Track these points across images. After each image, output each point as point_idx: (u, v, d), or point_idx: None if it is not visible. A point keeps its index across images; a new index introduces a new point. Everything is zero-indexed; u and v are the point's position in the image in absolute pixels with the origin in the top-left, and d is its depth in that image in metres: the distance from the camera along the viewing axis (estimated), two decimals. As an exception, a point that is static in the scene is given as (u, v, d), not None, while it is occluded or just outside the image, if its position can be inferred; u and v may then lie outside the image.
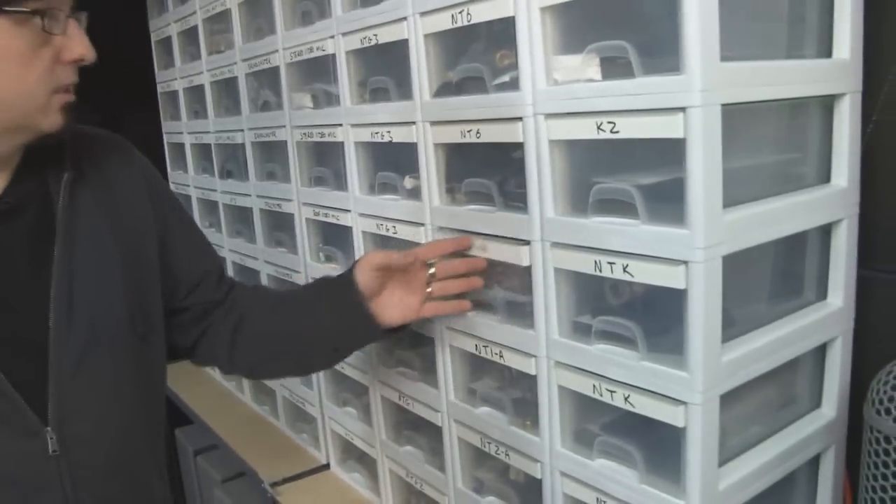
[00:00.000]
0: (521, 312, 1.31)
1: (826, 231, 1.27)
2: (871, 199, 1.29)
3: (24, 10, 0.96)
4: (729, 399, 1.08)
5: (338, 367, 1.89)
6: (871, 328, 1.32)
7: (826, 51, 1.22)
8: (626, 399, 1.12)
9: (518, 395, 1.38)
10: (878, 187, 1.30)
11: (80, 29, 1.04)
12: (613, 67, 1.08)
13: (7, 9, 0.95)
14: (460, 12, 1.28)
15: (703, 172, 0.99)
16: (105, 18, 1.11)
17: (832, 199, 1.24)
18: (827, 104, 1.24)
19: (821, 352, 1.30)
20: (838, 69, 1.21)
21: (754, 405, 1.21)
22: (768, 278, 1.24)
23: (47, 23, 0.99)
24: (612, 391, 1.13)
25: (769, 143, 1.22)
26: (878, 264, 1.32)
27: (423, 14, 1.36)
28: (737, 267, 1.08)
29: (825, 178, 1.27)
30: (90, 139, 1.24)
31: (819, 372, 1.31)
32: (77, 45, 1.03)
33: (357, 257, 1.68)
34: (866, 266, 1.31)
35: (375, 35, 1.49)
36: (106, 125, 1.30)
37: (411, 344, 1.63)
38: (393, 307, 1.36)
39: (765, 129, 1.20)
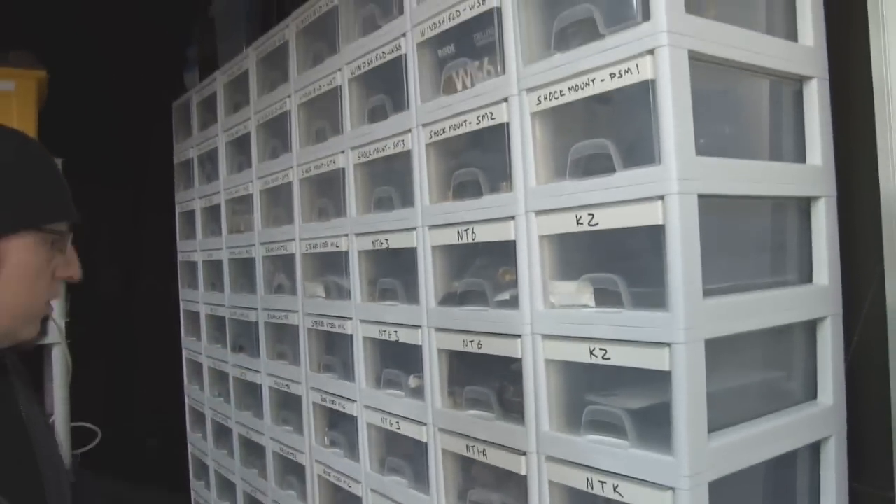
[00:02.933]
0: (517, 520, 1.34)
1: (815, 448, 1.31)
2: (857, 416, 1.34)
3: (60, 230, 1.07)
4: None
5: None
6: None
7: (807, 277, 1.31)
8: None
9: None
10: (863, 404, 1.35)
11: (74, 252, 1.14)
12: (605, 296, 1.16)
13: (46, 227, 1.06)
14: (465, 230, 1.38)
15: (686, 402, 1.05)
16: (133, 190, 1.21)
17: (819, 418, 1.29)
18: (810, 327, 1.31)
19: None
20: (818, 295, 1.29)
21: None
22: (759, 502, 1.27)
23: (60, 243, 1.09)
24: None
25: (755, 363, 1.28)
26: (869, 480, 1.35)
27: (432, 227, 1.46)
28: (726, 488, 1.12)
29: (812, 395, 1.33)
30: None
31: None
32: (71, 265, 1.13)
33: (361, 447, 1.72)
34: (858, 480, 1.34)
35: (387, 239, 1.59)
36: (125, 287, 1.38)
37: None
38: None
39: (751, 351, 1.27)
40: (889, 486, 1.30)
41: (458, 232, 1.39)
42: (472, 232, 1.36)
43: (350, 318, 1.74)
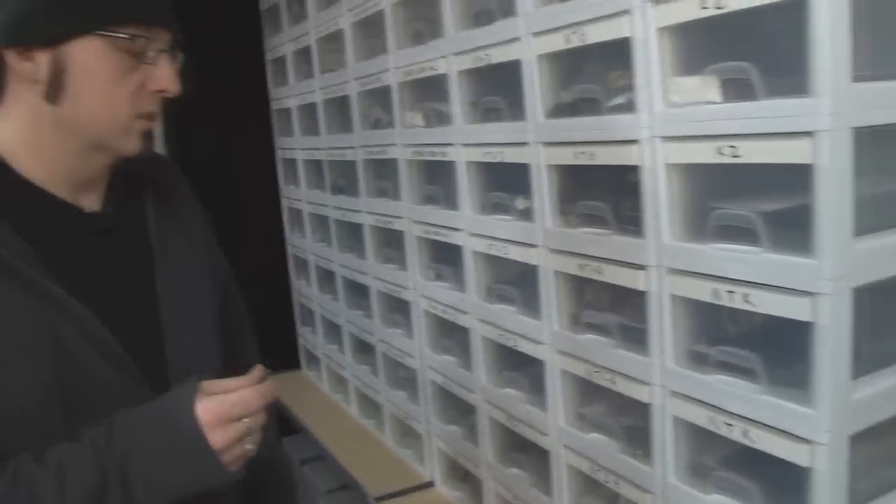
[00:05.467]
0: (636, 338, 1.27)
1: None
2: None
3: (122, 35, 1.00)
4: (861, 439, 1.03)
5: (444, 384, 1.90)
6: None
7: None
8: (744, 433, 1.07)
9: (630, 422, 1.35)
10: None
11: (170, 64, 1.06)
12: (735, 89, 1.05)
13: (105, 32, 0.99)
14: (574, 33, 1.26)
15: (832, 199, 0.95)
16: (221, 39, 1.14)
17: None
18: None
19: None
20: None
21: (891, 446, 1.14)
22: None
23: (139, 50, 1.02)
24: (729, 424, 1.09)
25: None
26: None
27: (536, 34, 1.35)
28: (871, 298, 1.02)
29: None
30: (148, 158, 1.28)
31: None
32: (164, 77, 1.05)
33: (467, 276, 1.68)
34: None
35: (487, 55, 1.49)
36: (221, 141, 1.34)
37: (519, 365, 1.62)
38: None
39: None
40: None
41: (567, 36, 1.28)
42: (582, 34, 1.25)
43: (452, 144, 1.66)
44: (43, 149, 1.04)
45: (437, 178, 1.81)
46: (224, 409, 0.97)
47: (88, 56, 0.99)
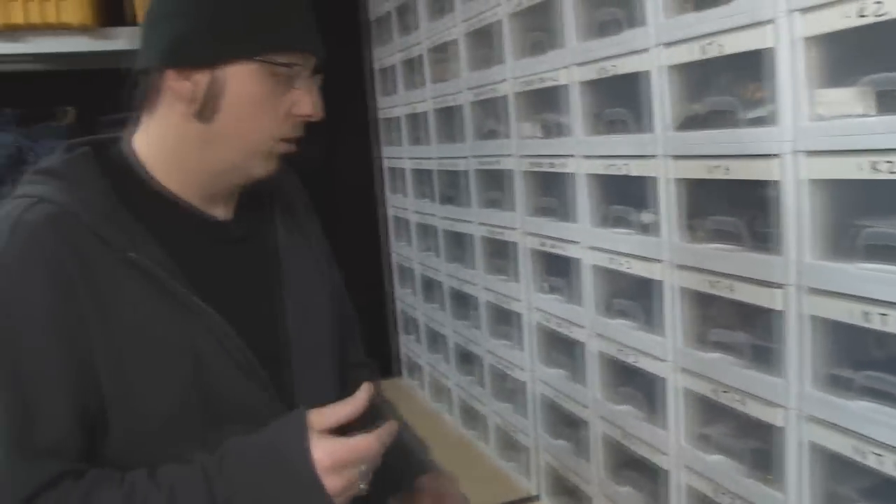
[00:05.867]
0: (767, 359, 1.23)
1: None
2: None
3: (281, 62, 1.02)
4: None
5: (554, 397, 1.87)
6: None
7: None
8: None
9: (756, 445, 1.30)
10: None
11: (315, 88, 1.08)
12: (891, 101, 1.00)
13: (265, 59, 1.01)
14: (710, 44, 1.23)
15: None
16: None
17: None
18: None
19: None
20: None
21: None
22: None
23: (292, 76, 1.04)
24: (879, 455, 1.03)
25: None
26: None
27: (668, 45, 1.32)
28: None
29: None
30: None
31: None
32: (308, 103, 1.06)
33: (584, 290, 1.66)
34: None
35: (614, 66, 1.47)
36: (322, 150, 1.34)
37: (635, 381, 1.58)
38: None
39: None
40: None
41: (702, 47, 1.25)
42: (719, 45, 1.21)
43: (572, 156, 1.64)
44: (182, 162, 1.07)
45: (553, 190, 1.79)
46: (342, 455, 0.96)
47: (245, 80, 1.02)
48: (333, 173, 3.18)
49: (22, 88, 2.85)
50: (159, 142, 1.07)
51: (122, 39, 2.52)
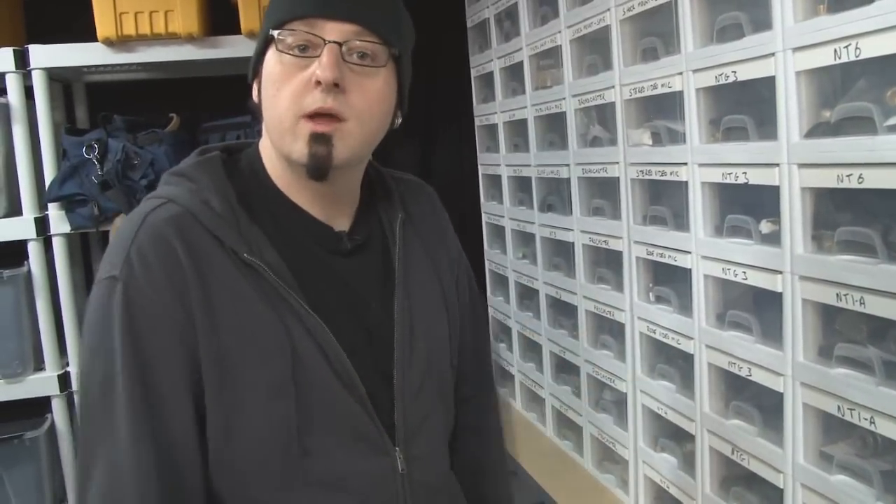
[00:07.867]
0: (901, 377, 1.18)
1: None
2: None
3: (280, 35, 1.04)
4: None
5: (659, 410, 1.84)
6: None
7: None
8: None
9: (887, 467, 1.25)
10: None
11: (331, 54, 1.01)
12: None
13: (273, 33, 1.04)
14: (846, 46, 1.19)
15: None
16: (423, 54, 1.15)
17: None
18: None
19: None
20: None
21: None
22: None
23: (301, 45, 1.04)
24: None
25: None
26: None
27: (796, 49, 1.29)
28: None
29: None
30: (405, 183, 1.32)
31: None
32: (318, 67, 1.01)
33: (695, 301, 1.62)
34: None
35: (734, 72, 1.43)
36: (422, 156, 1.36)
37: (749, 395, 1.54)
38: None
39: None
40: None
41: (836, 50, 1.21)
42: (856, 48, 1.17)
43: (685, 164, 1.61)
44: (273, 160, 1.14)
45: (663, 198, 1.76)
46: None
47: (268, 62, 1.07)
48: (433, 179, 3.21)
49: (132, 96, 2.97)
50: (267, 145, 1.14)
51: (227, 48, 2.60)
